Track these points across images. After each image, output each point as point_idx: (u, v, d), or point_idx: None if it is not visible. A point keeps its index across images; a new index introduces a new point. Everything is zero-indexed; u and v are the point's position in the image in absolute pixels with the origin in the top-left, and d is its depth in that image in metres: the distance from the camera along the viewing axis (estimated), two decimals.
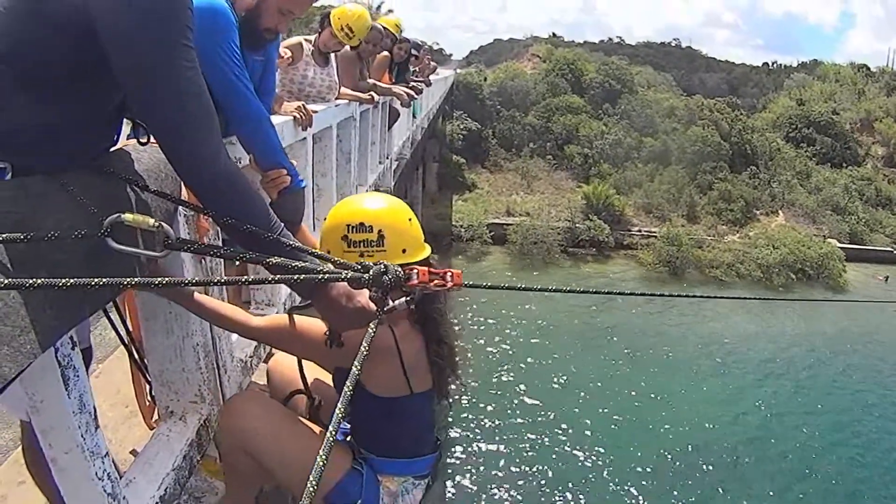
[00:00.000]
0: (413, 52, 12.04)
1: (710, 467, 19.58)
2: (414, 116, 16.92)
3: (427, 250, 3.07)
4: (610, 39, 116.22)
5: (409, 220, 3.02)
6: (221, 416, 3.19)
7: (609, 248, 39.65)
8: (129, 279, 1.70)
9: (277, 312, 4.68)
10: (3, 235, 1.58)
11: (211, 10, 3.21)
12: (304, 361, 3.44)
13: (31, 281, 1.37)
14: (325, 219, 3.05)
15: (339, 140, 7.17)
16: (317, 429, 3.22)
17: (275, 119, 4.12)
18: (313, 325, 2.97)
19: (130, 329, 3.32)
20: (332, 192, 6.89)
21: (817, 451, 21.12)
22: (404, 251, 2.94)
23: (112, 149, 2.43)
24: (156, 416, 3.36)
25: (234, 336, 3.67)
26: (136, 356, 3.29)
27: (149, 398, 3.42)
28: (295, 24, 4.12)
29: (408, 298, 2.23)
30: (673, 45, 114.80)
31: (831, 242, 40.34)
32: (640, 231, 40.84)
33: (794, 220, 43.89)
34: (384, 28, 9.07)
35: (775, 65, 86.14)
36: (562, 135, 49.27)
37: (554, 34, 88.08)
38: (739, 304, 33.35)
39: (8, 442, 4.13)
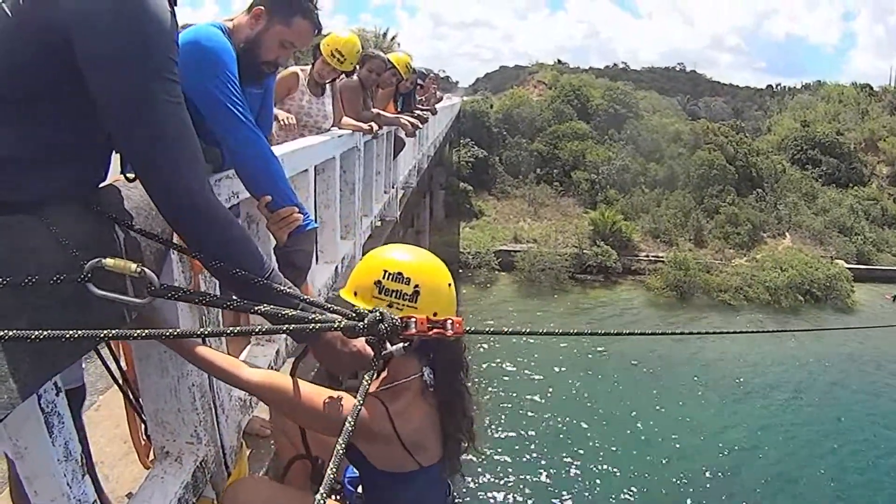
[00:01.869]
0: (418, 82, 11.96)
1: (721, 489, 19.48)
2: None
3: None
4: (615, 65, 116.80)
5: (449, 284, 2.92)
6: (224, 500, 3.10)
7: (617, 273, 39.54)
8: (106, 331, 1.66)
9: (278, 348, 4.58)
10: None
11: (208, 45, 3.16)
12: None
13: (1, 333, 1.32)
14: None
15: (342, 171, 7.11)
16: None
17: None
18: (317, 393, 2.79)
19: (125, 366, 3.27)
20: (335, 223, 6.84)
21: (827, 470, 21.07)
22: (435, 314, 2.69)
23: (102, 184, 2.39)
24: (152, 455, 3.30)
25: None
26: (131, 395, 3.24)
27: (144, 437, 3.36)
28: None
29: (405, 344, 2.17)
30: (677, 69, 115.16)
31: (839, 263, 40.23)
32: (647, 256, 40.76)
33: (801, 241, 43.77)
34: (390, 64, 9.02)
35: (779, 87, 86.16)
36: (568, 161, 49.32)
37: (559, 60, 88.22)
38: (747, 326, 33.28)
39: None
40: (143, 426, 3.27)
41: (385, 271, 2.75)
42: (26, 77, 1.97)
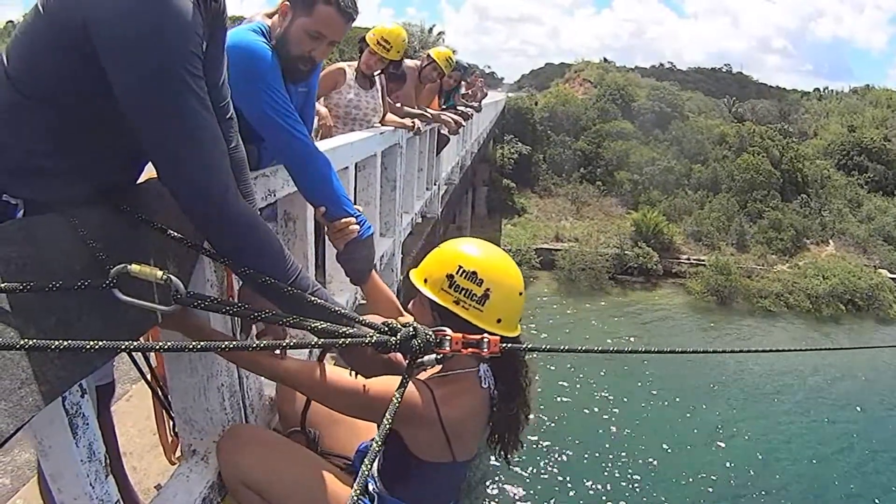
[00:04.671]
0: (462, 76, 11.83)
1: (756, 499, 19.29)
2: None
3: (518, 331, 2.91)
4: (661, 65, 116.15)
5: (520, 293, 2.89)
6: (218, 451, 3.03)
7: (657, 275, 39.35)
8: (127, 343, 1.64)
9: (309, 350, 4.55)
10: (2, 285, 1.51)
11: (249, 51, 3.17)
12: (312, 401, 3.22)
13: (20, 342, 1.30)
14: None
15: (384, 167, 7.10)
16: (317, 458, 3.10)
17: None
18: (357, 381, 2.74)
19: (154, 361, 3.28)
20: (375, 220, 6.82)
21: (867, 484, 20.76)
22: (499, 321, 2.77)
23: (138, 181, 2.38)
24: (178, 453, 3.29)
25: None
26: (160, 392, 3.24)
27: (171, 433, 3.35)
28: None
29: (438, 356, 2.13)
30: (724, 70, 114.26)
31: (882, 273, 39.64)
32: (688, 259, 40.46)
33: (845, 249, 43.17)
34: (430, 58, 9.00)
35: (826, 90, 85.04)
36: (612, 160, 49.23)
37: (605, 59, 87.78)
38: (787, 333, 33.10)
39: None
40: (171, 422, 3.27)
41: (460, 266, 2.75)
42: (54, 75, 1.97)
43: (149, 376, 3.23)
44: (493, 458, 2.95)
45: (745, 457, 21.34)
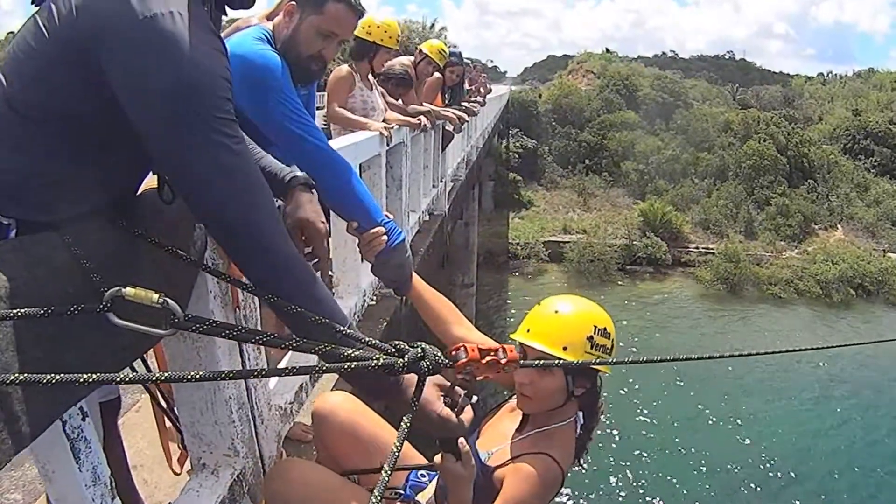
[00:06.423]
0: (463, 70, 11.68)
1: (769, 489, 19.33)
2: None
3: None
4: (663, 53, 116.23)
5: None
6: (267, 480, 3.05)
7: (666, 265, 39.36)
8: (124, 375, 1.57)
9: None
10: None
11: (260, 63, 3.09)
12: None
13: (10, 377, 1.23)
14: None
15: (389, 167, 7.03)
16: (364, 492, 3.04)
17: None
18: None
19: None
20: None
21: (883, 472, 20.73)
22: None
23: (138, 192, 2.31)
24: (188, 466, 3.25)
25: (272, 382, 3.53)
26: (164, 403, 3.19)
27: (181, 446, 3.31)
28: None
29: (473, 402, 2.12)
30: (727, 57, 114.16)
31: (891, 257, 39.58)
32: (697, 248, 40.48)
33: (853, 234, 43.08)
34: (424, 54, 8.93)
35: (830, 74, 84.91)
36: (617, 151, 49.22)
37: (607, 49, 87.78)
38: (797, 320, 33.01)
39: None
40: (179, 435, 3.22)
41: (595, 327, 2.87)
42: (55, 96, 1.89)
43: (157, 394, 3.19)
44: None
45: (760, 444, 21.46)
